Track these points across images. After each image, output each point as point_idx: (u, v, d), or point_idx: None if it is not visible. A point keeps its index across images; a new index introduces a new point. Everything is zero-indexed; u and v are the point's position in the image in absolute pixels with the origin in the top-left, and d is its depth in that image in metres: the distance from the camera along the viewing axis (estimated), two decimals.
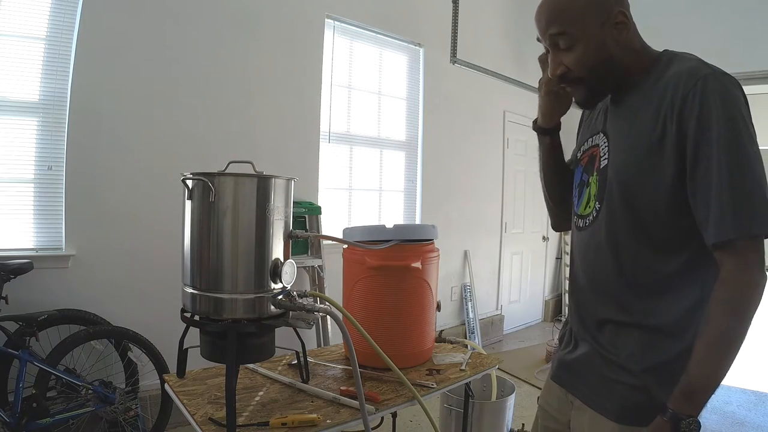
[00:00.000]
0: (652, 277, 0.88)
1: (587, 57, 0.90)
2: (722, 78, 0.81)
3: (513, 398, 2.24)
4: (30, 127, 2.19)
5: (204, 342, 1.11)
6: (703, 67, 0.83)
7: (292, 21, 3.00)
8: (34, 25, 2.17)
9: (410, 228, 1.51)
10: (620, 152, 0.91)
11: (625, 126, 0.91)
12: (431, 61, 3.89)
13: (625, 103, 0.94)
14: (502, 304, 4.75)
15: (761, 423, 2.90)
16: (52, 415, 1.93)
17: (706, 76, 0.80)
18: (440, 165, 4.04)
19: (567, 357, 1.04)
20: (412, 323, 1.49)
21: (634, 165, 0.87)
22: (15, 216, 2.16)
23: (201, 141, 2.63)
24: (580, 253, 1.02)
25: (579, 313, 1.02)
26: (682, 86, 0.82)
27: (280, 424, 1.08)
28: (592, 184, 0.98)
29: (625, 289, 0.91)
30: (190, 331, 1.14)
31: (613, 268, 0.92)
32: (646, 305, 0.89)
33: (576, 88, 0.97)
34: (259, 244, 1.06)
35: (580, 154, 1.07)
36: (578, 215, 1.03)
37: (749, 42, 3.85)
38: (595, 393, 0.94)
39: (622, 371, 0.90)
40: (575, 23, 0.88)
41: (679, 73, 0.84)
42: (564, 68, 0.93)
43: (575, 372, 1.00)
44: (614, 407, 0.90)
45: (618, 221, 0.91)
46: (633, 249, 0.89)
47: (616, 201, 0.91)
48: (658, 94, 0.86)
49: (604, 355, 0.93)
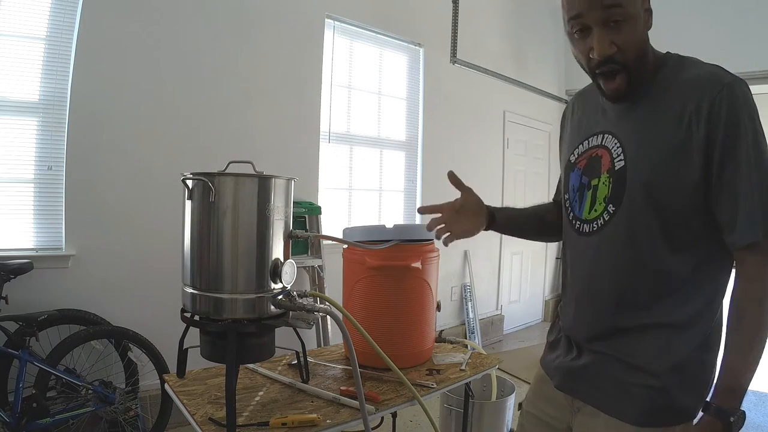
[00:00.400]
0: (670, 277, 0.88)
1: (637, 37, 0.85)
2: (743, 85, 0.83)
3: (513, 398, 2.24)
4: (30, 127, 2.19)
5: (204, 342, 1.11)
6: (724, 73, 0.85)
7: (292, 21, 3.00)
8: (34, 25, 2.17)
9: (410, 228, 1.51)
10: (642, 154, 0.89)
11: (643, 128, 0.90)
12: (431, 61, 3.89)
13: (633, 105, 0.92)
14: (502, 304, 4.75)
15: (761, 423, 2.89)
16: (52, 415, 1.93)
17: (731, 82, 0.82)
18: (440, 165, 4.04)
19: (573, 364, 1.00)
20: (412, 323, 1.49)
21: (659, 167, 0.86)
22: (15, 216, 2.16)
23: (201, 141, 2.63)
24: (586, 259, 0.98)
25: (584, 321, 0.99)
26: (708, 91, 0.83)
27: (280, 424, 1.07)
28: (599, 187, 0.95)
29: (642, 291, 0.90)
30: (190, 331, 1.14)
31: (630, 272, 0.91)
32: (662, 305, 0.88)
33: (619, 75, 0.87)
34: (259, 244, 1.06)
35: (575, 158, 1.03)
36: (581, 220, 0.99)
37: (749, 42, 3.85)
38: (612, 398, 0.92)
39: (640, 373, 0.89)
40: None
41: (700, 77, 0.85)
42: (615, 48, 0.85)
43: (586, 379, 0.97)
44: (633, 410, 0.89)
45: (640, 223, 0.89)
46: (653, 250, 0.89)
47: (638, 202, 0.89)
48: (678, 97, 0.86)
49: (619, 359, 0.92)
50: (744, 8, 3.95)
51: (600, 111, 1.00)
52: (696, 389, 0.88)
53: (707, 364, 0.89)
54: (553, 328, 1.14)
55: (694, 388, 0.88)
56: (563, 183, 1.08)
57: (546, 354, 1.14)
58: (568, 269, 1.06)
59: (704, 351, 0.89)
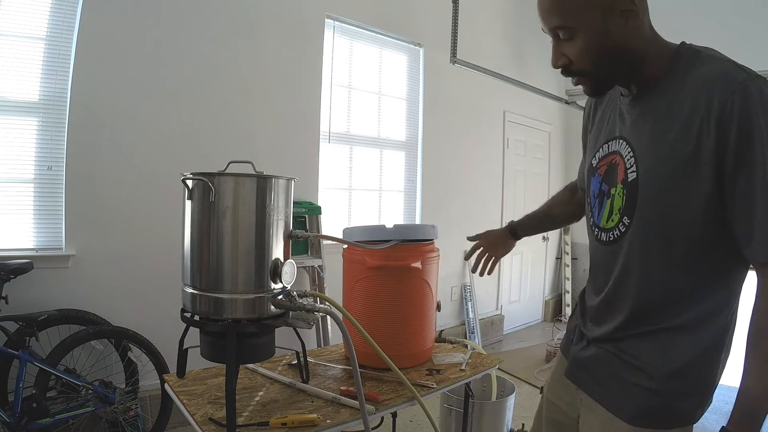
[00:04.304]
0: (680, 288, 0.86)
1: (590, 49, 0.83)
2: (759, 82, 0.76)
3: (513, 398, 2.24)
4: (30, 127, 2.19)
5: (204, 342, 1.11)
6: (738, 70, 0.78)
7: (291, 21, 3.00)
8: (34, 25, 2.17)
9: (410, 228, 1.51)
10: (651, 165, 0.85)
11: (652, 134, 0.86)
12: (431, 61, 3.89)
13: (647, 106, 0.88)
14: (502, 304, 4.75)
15: None
16: (52, 415, 1.93)
17: (745, 81, 0.75)
18: (440, 165, 4.04)
19: (580, 354, 1.02)
20: (412, 323, 1.49)
21: (669, 181, 0.82)
22: (15, 216, 2.16)
23: (201, 141, 2.63)
24: (604, 267, 0.97)
25: (595, 322, 1.00)
26: (718, 92, 0.76)
27: (280, 424, 1.07)
28: (615, 197, 0.92)
29: (654, 302, 0.89)
30: (190, 331, 1.14)
31: (644, 285, 0.89)
32: (669, 312, 0.87)
33: (581, 80, 0.90)
34: (259, 244, 1.06)
35: (597, 162, 0.99)
36: (600, 228, 0.98)
37: (749, 42, 3.85)
38: (611, 393, 0.93)
39: (640, 374, 0.88)
40: (573, 15, 0.81)
41: (711, 76, 0.79)
42: (565, 60, 0.87)
43: (589, 371, 0.98)
44: (629, 409, 0.89)
45: (652, 237, 0.87)
46: (664, 263, 0.86)
47: (649, 217, 0.86)
48: (688, 100, 0.80)
49: (622, 358, 0.92)
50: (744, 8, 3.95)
51: (617, 111, 0.97)
52: (698, 393, 0.87)
53: (714, 366, 0.87)
54: (574, 314, 1.12)
55: (695, 392, 0.87)
56: (586, 186, 1.06)
57: (564, 340, 1.15)
58: (590, 268, 1.06)
59: (713, 353, 0.86)
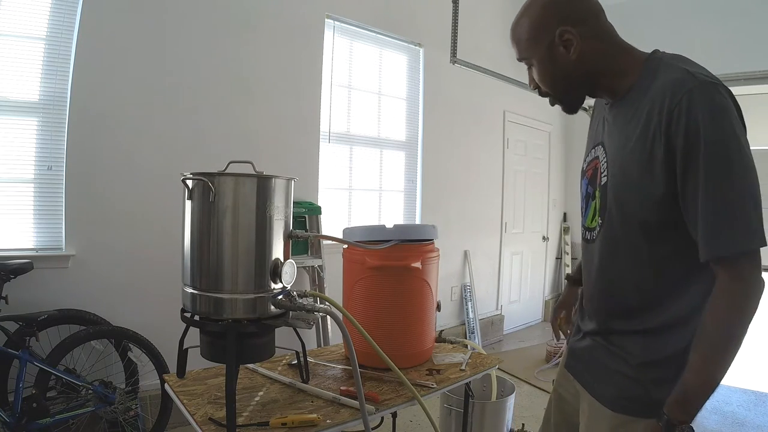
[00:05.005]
0: (656, 288, 0.90)
1: (545, 75, 0.97)
2: (709, 89, 0.78)
3: (513, 398, 2.24)
4: (30, 127, 2.19)
5: (204, 342, 1.11)
6: (688, 78, 0.80)
7: (291, 21, 3.00)
8: (34, 25, 2.17)
9: (410, 228, 1.51)
10: (615, 171, 0.93)
11: (619, 140, 0.93)
12: (431, 61, 3.89)
13: (618, 114, 0.95)
14: (502, 304, 4.75)
15: (761, 423, 2.90)
16: (52, 415, 1.93)
17: (692, 89, 0.78)
18: (440, 165, 4.04)
19: (576, 345, 1.09)
20: (412, 323, 1.49)
21: (627, 184, 0.89)
22: (15, 216, 2.16)
23: (201, 141, 2.63)
24: (591, 264, 1.03)
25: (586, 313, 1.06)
26: (667, 101, 0.80)
27: (280, 424, 1.08)
28: (597, 198, 1.00)
29: (630, 299, 0.94)
30: (190, 331, 1.14)
31: (616, 284, 0.96)
32: (650, 313, 0.91)
33: (553, 101, 1.04)
34: (259, 244, 1.06)
35: (585, 165, 1.08)
36: (586, 228, 1.06)
37: (748, 42, 3.85)
38: (596, 380, 0.99)
39: (622, 362, 0.94)
40: (528, 50, 0.96)
41: (665, 84, 0.82)
42: (535, 83, 1.02)
43: (582, 360, 1.05)
44: (610, 395, 0.94)
45: (619, 238, 0.93)
46: (636, 264, 0.91)
47: (615, 219, 0.93)
48: (646, 108, 0.85)
49: (609, 348, 0.97)
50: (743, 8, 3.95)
51: (602, 119, 1.03)
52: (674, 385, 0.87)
53: None
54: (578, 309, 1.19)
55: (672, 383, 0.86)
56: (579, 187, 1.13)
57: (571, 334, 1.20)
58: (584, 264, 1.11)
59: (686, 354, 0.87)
